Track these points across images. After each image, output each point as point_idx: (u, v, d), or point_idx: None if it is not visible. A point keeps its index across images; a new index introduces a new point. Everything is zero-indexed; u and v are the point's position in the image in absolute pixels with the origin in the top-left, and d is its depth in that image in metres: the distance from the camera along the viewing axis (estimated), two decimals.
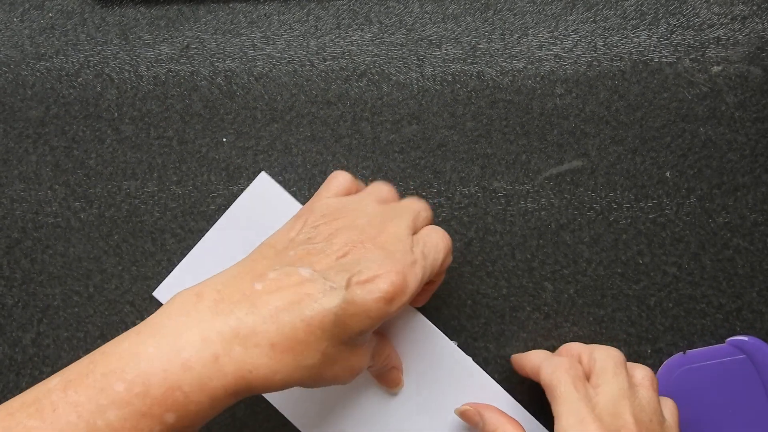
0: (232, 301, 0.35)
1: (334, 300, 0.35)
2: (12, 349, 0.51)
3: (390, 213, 0.41)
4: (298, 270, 0.36)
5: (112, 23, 0.52)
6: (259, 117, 0.52)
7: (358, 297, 0.35)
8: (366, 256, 0.37)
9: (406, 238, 0.39)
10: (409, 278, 0.37)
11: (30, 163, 0.52)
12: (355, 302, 0.35)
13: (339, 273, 0.36)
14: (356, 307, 0.35)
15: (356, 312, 0.35)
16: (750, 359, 0.48)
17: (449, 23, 0.52)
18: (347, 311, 0.35)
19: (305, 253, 0.38)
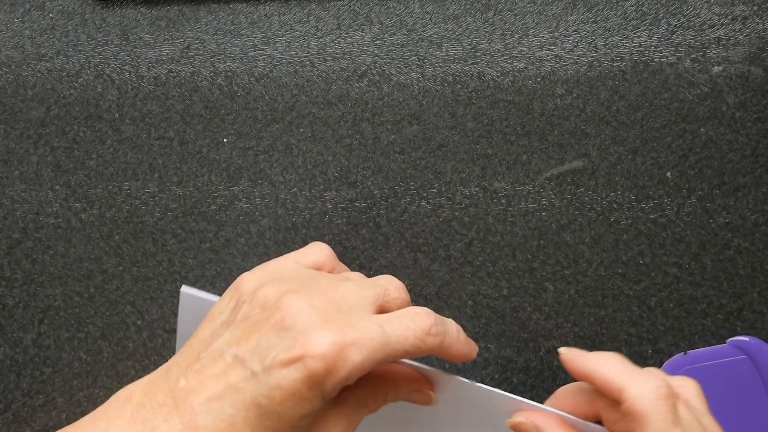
0: (154, 405, 0.32)
1: (257, 389, 0.31)
2: (13, 350, 0.51)
3: (350, 285, 0.35)
4: (223, 353, 0.32)
5: (113, 24, 0.52)
6: (259, 117, 0.52)
7: (283, 380, 0.30)
8: (300, 319, 0.32)
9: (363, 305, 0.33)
10: (353, 345, 0.31)
11: (31, 164, 0.52)
12: (281, 387, 0.30)
13: (265, 350, 0.31)
14: (283, 392, 0.30)
15: (285, 398, 0.30)
16: (751, 359, 0.48)
17: (450, 24, 0.52)
18: (274, 400, 0.30)
19: (237, 329, 0.33)
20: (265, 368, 0.31)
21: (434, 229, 0.51)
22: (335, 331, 0.31)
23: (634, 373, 0.34)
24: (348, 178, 0.51)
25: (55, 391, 0.51)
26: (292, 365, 0.30)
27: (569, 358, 0.36)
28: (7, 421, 0.51)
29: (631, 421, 0.33)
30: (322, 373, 0.30)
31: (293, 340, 0.31)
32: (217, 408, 0.31)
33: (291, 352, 0.31)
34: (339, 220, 0.51)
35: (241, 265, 0.51)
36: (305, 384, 0.30)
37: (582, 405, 0.36)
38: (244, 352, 0.32)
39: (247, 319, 0.33)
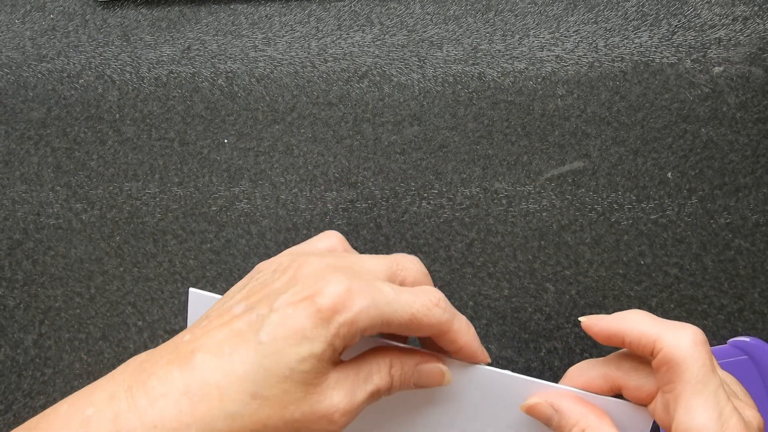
0: (156, 357, 0.31)
1: (260, 328, 0.30)
2: (14, 351, 0.51)
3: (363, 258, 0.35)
4: (232, 308, 0.32)
5: (114, 25, 0.52)
6: (260, 118, 0.52)
7: (288, 318, 0.30)
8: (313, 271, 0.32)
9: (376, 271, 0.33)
10: (360, 293, 0.31)
11: (31, 165, 0.52)
12: (285, 324, 0.30)
13: (274, 296, 0.31)
14: (285, 328, 0.30)
15: (286, 335, 0.30)
16: (752, 360, 0.48)
17: (450, 24, 0.52)
18: (274, 336, 0.30)
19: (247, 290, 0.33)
20: (273, 309, 0.31)
21: (435, 230, 0.51)
22: (346, 278, 0.31)
23: (667, 323, 0.33)
24: (349, 179, 0.51)
25: (56, 392, 0.51)
26: (300, 304, 0.30)
27: (593, 323, 0.35)
28: (8, 422, 0.51)
29: (666, 371, 0.32)
30: (328, 309, 0.30)
31: (303, 285, 0.31)
32: (216, 349, 0.30)
33: (301, 294, 0.31)
34: (340, 220, 0.51)
35: (242, 266, 0.51)
36: (310, 320, 0.30)
37: (596, 380, 0.35)
38: (253, 302, 0.32)
39: (260, 281, 0.33)
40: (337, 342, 0.31)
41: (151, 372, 0.31)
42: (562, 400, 0.35)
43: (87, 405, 0.30)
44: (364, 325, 0.31)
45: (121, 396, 0.30)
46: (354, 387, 0.32)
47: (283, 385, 0.30)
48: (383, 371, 0.33)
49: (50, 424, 0.30)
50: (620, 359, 0.35)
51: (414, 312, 0.32)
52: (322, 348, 0.30)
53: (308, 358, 0.30)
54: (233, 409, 0.29)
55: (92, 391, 0.31)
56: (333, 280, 0.31)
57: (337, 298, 0.30)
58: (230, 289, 0.35)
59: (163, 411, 0.29)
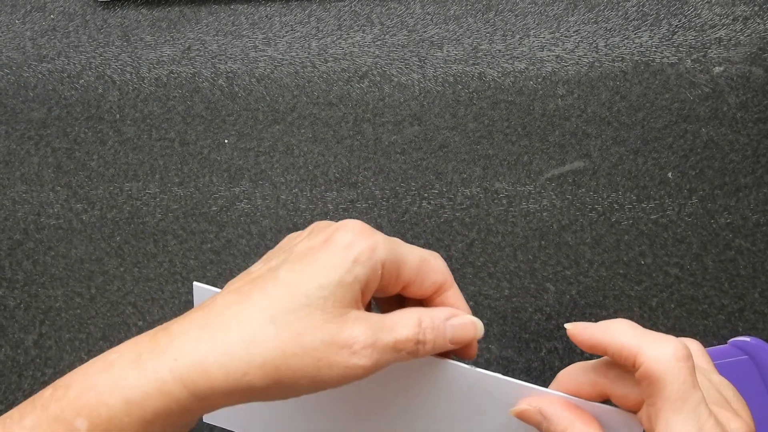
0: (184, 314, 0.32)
1: (277, 264, 0.31)
2: (14, 351, 0.51)
3: None
4: (251, 270, 0.33)
5: (114, 25, 0.52)
6: (260, 118, 0.52)
7: (304, 255, 0.31)
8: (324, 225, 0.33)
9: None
10: (377, 233, 0.32)
11: (32, 165, 0.52)
12: (301, 259, 0.30)
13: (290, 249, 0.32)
14: (303, 263, 0.30)
15: (304, 266, 0.30)
16: (752, 360, 0.48)
17: (451, 24, 0.52)
18: (293, 269, 0.30)
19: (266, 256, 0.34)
20: (292, 253, 0.31)
21: (435, 230, 0.51)
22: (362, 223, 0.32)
23: (649, 335, 0.32)
24: (349, 179, 0.51)
25: None
26: (318, 245, 0.31)
27: (578, 332, 0.34)
28: None
29: (647, 386, 0.31)
30: (347, 242, 0.30)
31: (320, 232, 0.32)
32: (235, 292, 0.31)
33: (318, 239, 0.31)
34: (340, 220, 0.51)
35: (243, 266, 0.51)
36: (328, 251, 0.30)
37: (584, 386, 0.35)
38: (273, 257, 0.32)
39: (276, 247, 0.34)
40: (357, 269, 0.31)
41: (174, 321, 0.31)
42: (551, 405, 0.35)
43: (112, 352, 0.31)
44: (383, 256, 0.31)
45: (144, 341, 0.30)
46: (378, 329, 0.31)
47: (301, 311, 0.30)
48: (411, 322, 0.32)
49: (76, 373, 0.31)
50: (607, 367, 0.34)
51: (424, 256, 0.33)
52: (341, 274, 0.30)
53: (326, 285, 0.30)
54: (251, 335, 0.29)
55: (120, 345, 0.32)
56: (349, 223, 0.32)
57: (355, 233, 0.31)
58: None
59: (182, 344, 0.29)
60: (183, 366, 0.29)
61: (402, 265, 0.32)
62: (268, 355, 0.29)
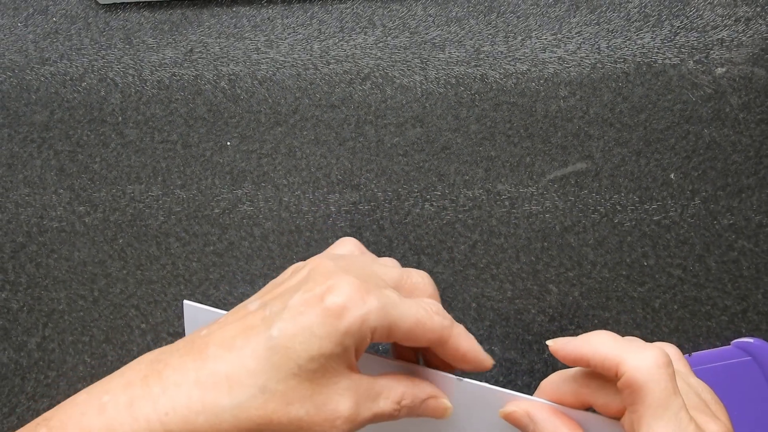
0: (173, 349, 0.32)
1: (272, 323, 0.31)
2: (17, 354, 0.51)
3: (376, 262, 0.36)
4: (247, 306, 0.33)
5: (116, 27, 0.52)
6: (263, 120, 0.52)
7: (299, 315, 0.31)
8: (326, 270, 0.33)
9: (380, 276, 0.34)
10: (371, 293, 0.32)
11: (34, 168, 0.52)
12: (295, 321, 0.31)
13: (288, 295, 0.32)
14: (296, 326, 0.30)
15: (296, 332, 0.30)
16: (755, 361, 0.48)
17: (453, 26, 0.52)
18: (285, 332, 0.30)
19: (265, 289, 0.35)
20: (286, 307, 0.31)
21: (438, 232, 0.51)
22: (357, 279, 0.32)
23: (629, 344, 0.33)
24: (351, 181, 0.51)
25: (59, 394, 0.51)
26: (311, 302, 0.31)
27: (559, 347, 0.35)
28: (11, 425, 0.51)
29: (629, 394, 0.32)
30: (339, 306, 0.31)
31: (315, 283, 0.32)
32: (229, 343, 0.31)
33: (312, 291, 0.31)
34: (342, 222, 0.51)
35: (245, 268, 0.51)
36: (319, 317, 0.31)
37: (567, 396, 0.36)
38: (267, 300, 0.33)
39: (275, 282, 0.35)
40: (347, 340, 0.31)
41: (166, 363, 0.32)
42: (539, 411, 0.36)
43: (103, 392, 0.31)
44: (373, 324, 0.32)
45: (136, 384, 0.31)
46: (362, 401, 0.32)
47: (291, 381, 0.31)
48: (393, 398, 0.34)
49: (67, 412, 0.31)
50: (588, 377, 0.35)
51: (418, 317, 0.33)
52: (331, 346, 0.31)
53: (317, 357, 0.31)
54: (240, 400, 0.30)
55: (110, 380, 0.32)
56: (344, 279, 0.32)
57: (348, 296, 0.31)
58: None
59: (175, 399, 0.30)
60: (174, 422, 0.30)
61: (394, 329, 0.33)
62: (255, 422, 0.30)
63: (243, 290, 0.51)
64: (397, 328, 0.33)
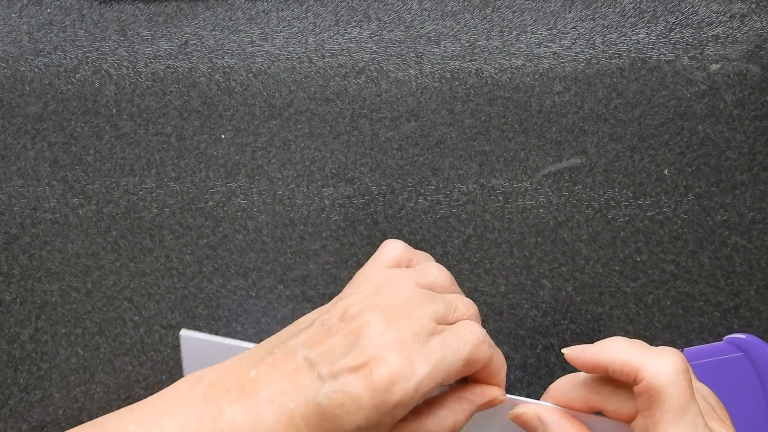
0: (223, 388, 0.33)
1: (320, 389, 0.32)
2: (10, 345, 0.51)
3: (422, 298, 0.36)
4: (296, 352, 0.33)
5: (111, 19, 0.52)
6: (257, 113, 0.52)
7: (348, 385, 0.31)
8: (368, 333, 0.33)
9: (425, 321, 0.34)
10: (417, 362, 0.32)
11: (28, 159, 0.52)
12: (344, 391, 0.31)
13: (335, 355, 0.32)
14: (345, 396, 0.31)
15: (344, 402, 0.31)
16: (748, 357, 0.48)
17: (448, 20, 0.52)
18: (334, 401, 0.31)
19: (313, 333, 0.34)
20: (333, 372, 0.32)
21: (432, 226, 0.51)
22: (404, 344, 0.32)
23: (648, 350, 0.34)
24: (346, 175, 0.51)
25: (52, 386, 0.51)
26: (358, 371, 0.31)
27: (575, 355, 0.36)
28: (3, 416, 0.51)
29: (646, 399, 0.33)
30: (387, 382, 0.31)
31: (363, 349, 0.32)
32: (280, 400, 0.32)
33: (359, 359, 0.32)
34: (336, 216, 0.51)
35: (239, 261, 0.51)
36: (368, 391, 0.31)
37: (576, 402, 0.36)
38: (315, 354, 0.33)
39: (324, 326, 0.34)
40: (398, 411, 0.32)
41: (219, 408, 0.32)
42: (548, 413, 0.36)
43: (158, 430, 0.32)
44: (426, 389, 0.32)
45: (192, 427, 0.32)
46: None
47: None
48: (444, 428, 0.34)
49: None
50: (599, 383, 0.36)
51: (466, 357, 0.34)
52: (379, 418, 0.31)
53: (365, 427, 0.31)
54: None
55: (160, 415, 0.33)
56: (392, 348, 0.32)
57: (395, 369, 0.31)
58: (299, 319, 0.37)
59: None
60: None
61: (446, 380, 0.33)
62: None
63: (236, 283, 0.51)
64: (450, 376, 0.33)
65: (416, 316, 0.34)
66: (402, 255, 0.39)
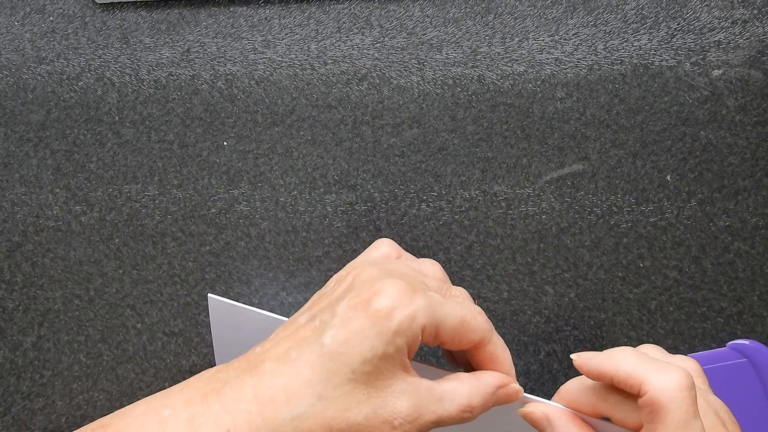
0: (230, 368, 0.33)
1: (323, 332, 0.31)
2: (13, 353, 0.51)
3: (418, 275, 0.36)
4: (297, 319, 0.34)
5: (113, 27, 0.52)
6: (259, 120, 0.52)
7: (349, 320, 0.31)
8: (364, 277, 0.33)
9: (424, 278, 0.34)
10: (417, 293, 0.32)
11: (31, 167, 0.52)
12: (346, 326, 0.31)
13: (335, 304, 0.33)
14: (347, 331, 0.31)
15: (348, 337, 0.31)
16: (751, 363, 0.48)
17: (450, 27, 0.52)
18: (336, 339, 0.31)
19: (312, 301, 0.35)
20: (333, 314, 0.32)
21: (434, 233, 0.51)
22: (402, 281, 0.32)
23: (653, 364, 0.34)
24: (348, 182, 0.51)
25: (54, 394, 0.51)
26: (359, 306, 0.31)
27: (583, 362, 0.36)
28: (6, 424, 0.51)
29: (650, 413, 0.32)
30: (387, 307, 0.31)
31: (361, 288, 0.32)
32: (283, 356, 0.32)
33: (358, 297, 0.32)
34: (339, 223, 0.51)
35: (241, 268, 0.51)
36: (369, 320, 0.31)
37: (584, 407, 0.36)
38: (315, 311, 0.33)
39: (321, 294, 0.35)
40: (399, 339, 0.31)
41: (224, 381, 0.32)
42: (557, 415, 0.36)
43: (163, 407, 0.32)
44: (422, 322, 0.32)
45: (196, 401, 0.32)
46: (423, 403, 0.32)
47: (347, 386, 0.31)
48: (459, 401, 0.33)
49: (126, 422, 0.32)
50: (608, 391, 0.36)
51: (463, 316, 0.33)
52: (383, 347, 0.31)
53: (370, 359, 0.31)
54: (299, 411, 0.31)
55: (168, 395, 0.33)
56: (389, 282, 0.32)
57: (395, 297, 0.31)
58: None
59: (235, 415, 0.31)
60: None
61: (441, 328, 0.33)
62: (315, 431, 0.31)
63: (239, 290, 0.51)
64: (444, 327, 0.33)
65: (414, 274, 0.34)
66: (392, 251, 0.39)
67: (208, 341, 0.52)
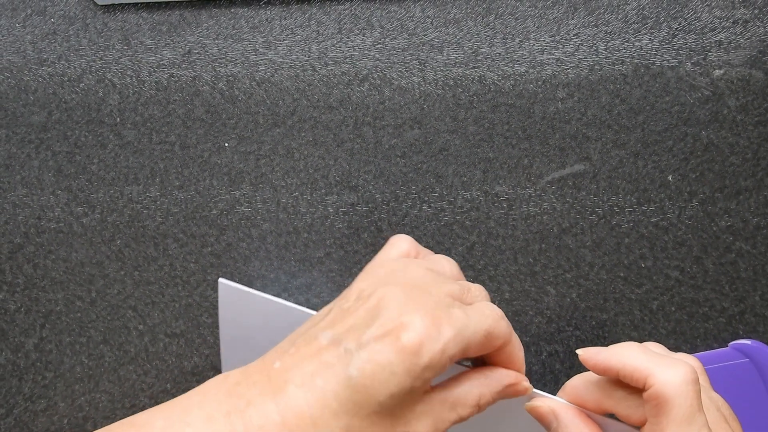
0: (250, 382, 0.33)
1: (349, 363, 0.31)
2: (15, 354, 0.51)
3: (437, 279, 0.36)
4: (318, 336, 0.33)
5: (114, 28, 0.52)
6: (260, 122, 0.52)
7: (377, 353, 0.31)
8: (394, 302, 0.33)
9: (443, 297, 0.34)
10: (443, 322, 0.32)
11: (32, 169, 0.52)
12: (373, 360, 0.31)
13: (360, 329, 0.32)
14: (375, 365, 0.31)
15: (375, 371, 0.31)
16: (753, 363, 0.48)
17: (451, 28, 0.52)
18: (365, 372, 0.31)
19: (332, 317, 0.34)
20: (360, 344, 0.31)
21: (436, 233, 0.51)
22: (428, 311, 0.32)
23: (659, 358, 0.34)
24: (349, 182, 0.51)
25: (56, 395, 0.51)
26: (386, 339, 0.31)
27: (589, 357, 0.36)
28: (8, 425, 0.51)
29: (654, 406, 0.33)
30: (415, 344, 0.31)
31: (387, 318, 0.32)
32: (308, 382, 0.31)
33: (385, 327, 0.31)
34: (340, 224, 0.51)
35: (243, 270, 0.51)
36: (398, 356, 0.31)
37: (589, 402, 0.37)
38: (338, 333, 0.33)
39: (342, 309, 0.34)
40: (428, 374, 0.31)
41: (247, 400, 0.32)
42: (564, 410, 0.36)
43: (184, 424, 0.32)
44: (452, 353, 0.32)
45: (218, 419, 0.31)
46: (439, 416, 0.33)
47: (373, 417, 0.31)
48: (470, 403, 0.34)
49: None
50: (612, 386, 0.36)
51: (487, 328, 0.34)
52: (411, 382, 0.31)
53: (397, 394, 0.31)
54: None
55: (187, 411, 0.32)
56: (416, 314, 0.32)
57: (423, 331, 0.31)
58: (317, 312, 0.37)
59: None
60: None
61: (469, 348, 0.33)
62: None
63: None
64: (471, 346, 0.33)
65: (434, 293, 0.34)
66: (411, 249, 0.39)
67: (210, 342, 0.52)
